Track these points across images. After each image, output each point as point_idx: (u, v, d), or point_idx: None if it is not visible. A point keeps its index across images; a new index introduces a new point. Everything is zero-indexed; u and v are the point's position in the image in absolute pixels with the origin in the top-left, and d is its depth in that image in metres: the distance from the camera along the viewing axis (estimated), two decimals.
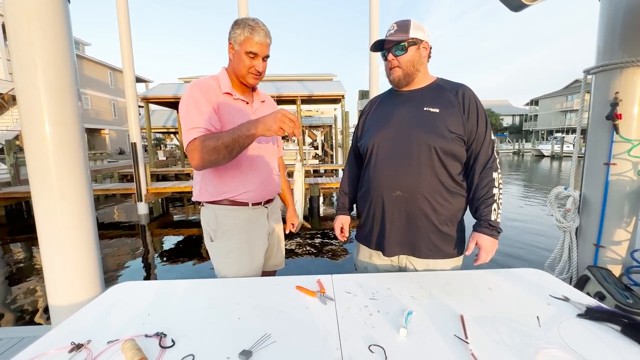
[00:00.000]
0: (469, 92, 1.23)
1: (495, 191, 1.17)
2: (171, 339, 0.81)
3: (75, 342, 0.79)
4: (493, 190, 1.17)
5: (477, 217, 1.20)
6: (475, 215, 1.21)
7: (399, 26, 1.22)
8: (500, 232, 1.17)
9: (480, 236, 1.16)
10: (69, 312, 0.98)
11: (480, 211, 1.18)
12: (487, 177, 1.19)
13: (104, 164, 16.96)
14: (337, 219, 1.47)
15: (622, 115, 1.94)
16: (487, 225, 1.16)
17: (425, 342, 0.79)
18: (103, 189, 8.72)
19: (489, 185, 1.18)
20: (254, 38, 1.22)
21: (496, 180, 1.19)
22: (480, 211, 1.18)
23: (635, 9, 1.89)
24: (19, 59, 1.42)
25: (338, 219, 1.46)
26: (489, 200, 1.17)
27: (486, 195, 1.18)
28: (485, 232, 1.16)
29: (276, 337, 0.81)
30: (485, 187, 1.18)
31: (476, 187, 1.20)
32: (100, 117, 25.09)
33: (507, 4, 2.52)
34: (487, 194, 1.17)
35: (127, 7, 7.16)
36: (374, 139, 1.29)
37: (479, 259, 1.17)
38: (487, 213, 1.17)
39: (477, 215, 1.20)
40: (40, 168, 1.48)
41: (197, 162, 1.15)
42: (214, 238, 1.35)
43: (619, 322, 0.83)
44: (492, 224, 1.16)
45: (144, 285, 1.16)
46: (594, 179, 2.13)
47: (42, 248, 1.54)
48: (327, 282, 1.14)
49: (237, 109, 1.30)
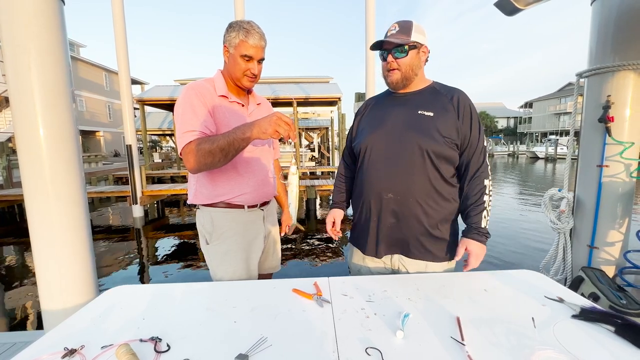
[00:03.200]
0: (464, 97, 1.24)
1: (485, 198, 1.19)
2: (166, 344, 0.80)
3: (69, 347, 0.78)
4: (484, 197, 1.19)
5: (467, 223, 1.22)
6: (466, 222, 1.23)
7: (400, 27, 1.21)
8: (488, 238, 1.19)
9: (470, 242, 1.18)
10: (63, 317, 0.97)
11: (471, 218, 1.20)
12: (478, 184, 1.20)
13: (98, 166, 16.80)
14: (329, 213, 1.43)
15: (614, 118, 1.97)
16: (477, 232, 1.18)
17: (422, 344, 0.80)
18: (98, 191, 8.62)
19: (480, 192, 1.19)
20: (248, 41, 1.22)
21: (487, 187, 1.20)
22: (471, 218, 1.20)
23: (627, 14, 1.92)
24: (12, 60, 1.41)
25: (331, 212, 1.43)
26: (480, 207, 1.19)
27: (477, 202, 1.19)
28: (475, 238, 1.17)
29: (273, 341, 0.81)
30: (477, 195, 1.19)
31: (467, 193, 1.22)
32: (95, 119, 24.91)
33: (501, 8, 2.55)
34: (478, 201, 1.19)
35: (122, 9, 7.13)
36: (367, 140, 1.29)
37: (468, 264, 1.18)
38: (477, 220, 1.18)
39: (468, 222, 1.21)
40: (34, 170, 1.47)
41: (193, 165, 1.15)
42: (209, 241, 1.34)
43: (613, 323, 0.84)
44: (482, 231, 1.18)
45: (139, 289, 1.15)
46: (588, 180, 2.15)
47: (35, 251, 1.52)
48: (323, 284, 1.14)
49: (232, 112, 1.30)
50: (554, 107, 40.81)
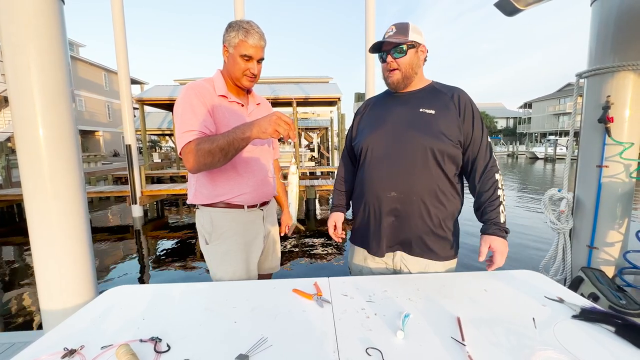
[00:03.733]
0: (464, 95, 1.24)
1: (499, 192, 1.17)
2: (166, 344, 0.80)
3: (68, 347, 0.78)
4: (498, 192, 1.17)
5: (485, 220, 1.18)
6: (483, 219, 1.18)
7: (397, 28, 1.22)
8: (508, 234, 1.15)
9: (493, 239, 1.12)
10: (62, 317, 0.97)
11: (489, 214, 1.16)
12: (490, 179, 1.18)
13: (98, 166, 16.78)
14: (330, 217, 1.43)
15: (614, 119, 1.97)
16: (498, 228, 1.14)
17: (422, 344, 0.80)
18: (97, 191, 8.61)
19: (493, 187, 1.17)
20: (248, 41, 1.22)
21: (499, 181, 1.18)
22: (489, 214, 1.16)
23: (627, 14, 1.93)
24: (12, 59, 1.41)
25: (331, 216, 1.43)
26: (496, 202, 1.16)
27: (492, 198, 1.16)
28: (497, 234, 1.13)
29: (273, 341, 0.81)
30: (490, 190, 1.17)
31: (480, 190, 1.19)
32: (94, 119, 24.88)
33: (501, 8, 2.55)
34: (493, 196, 1.16)
35: (122, 8, 7.12)
36: (368, 140, 1.29)
37: (494, 262, 1.12)
38: (495, 215, 1.15)
39: (486, 218, 1.17)
40: (33, 170, 1.47)
41: (192, 165, 1.15)
42: (209, 241, 1.34)
43: (613, 323, 0.84)
44: (502, 226, 1.14)
45: (139, 289, 1.15)
46: (587, 181, 2.15)
47: (34, 251, 1.52)
48: (323, 284, 1.13)
49: (232, 112, 1.29)
50: (553, 107, 40.86)
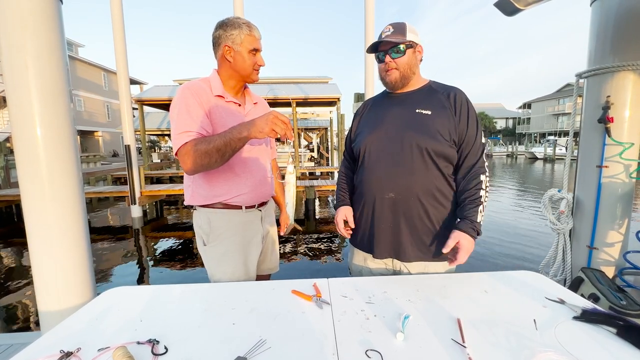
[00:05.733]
0: (460, 94, 1.24)
1: (482, 193, 1.17)
2: (164, 346, 0.79)
3: (65, 349, 0.77)
4: (480, 192, 1.17)
5: (461, 215, 1.18)
6: (460, 214, 1.19)
7: (395, 28, 1.22)
8: (480, 235, 1.15)
9: (462, 235, 1.12)
10: (59, 318, 0.96)
11: (467, 211, 1.16)
12: (474, 179, 1.18)
13: (97, 166, 16.76)
14: (338, 211, 1.38)
15: (613, 119, 1.97)
16: (471, 226, 1.14)
17: (423, 346, 0.79)
18: (96, 191, 8.59)
19: (477, 187, 1.18)
20: (254, 34, 1.26)
21: (483, 182, 1.19)
22: (467, 211, 1.16)
23: (627, 14, 1.93)
24: (9, 59, 1.40)
25: (340, 210, 1.38)
26: (476, 202, 1.16)
27: (473, 197, 1.17)
28: (468, 231, 1.13)
29: (272, 343, 0.80)
30: (473, 189, 1.18)
31: (463, 187, 1.20)
32: (93, 119, 24.84)
33: (501, 8, 2.55)
34: (474, 195, 1.17)
35: (121, 8, 7.11)
36: (366, 141, 1.29)
37: (457, 259, 1.12)
38: (473, 214, 1.15)
39: (463, 214, 1.17)
40: (31, 170, 1.46)
41: (189, 166, 1.14)
42: (207, 242, 1.33)
43: (615, 325, 0.83)
44: (476, 226, 1.14)
45: (137, 290, 1.14)
46: (587, 181, 2.15)
47: (32, 252, 1.51)
48: (323, 286, 1.13)
49: (229, 112, 1.29)
50: (553, 107, 40.94)
